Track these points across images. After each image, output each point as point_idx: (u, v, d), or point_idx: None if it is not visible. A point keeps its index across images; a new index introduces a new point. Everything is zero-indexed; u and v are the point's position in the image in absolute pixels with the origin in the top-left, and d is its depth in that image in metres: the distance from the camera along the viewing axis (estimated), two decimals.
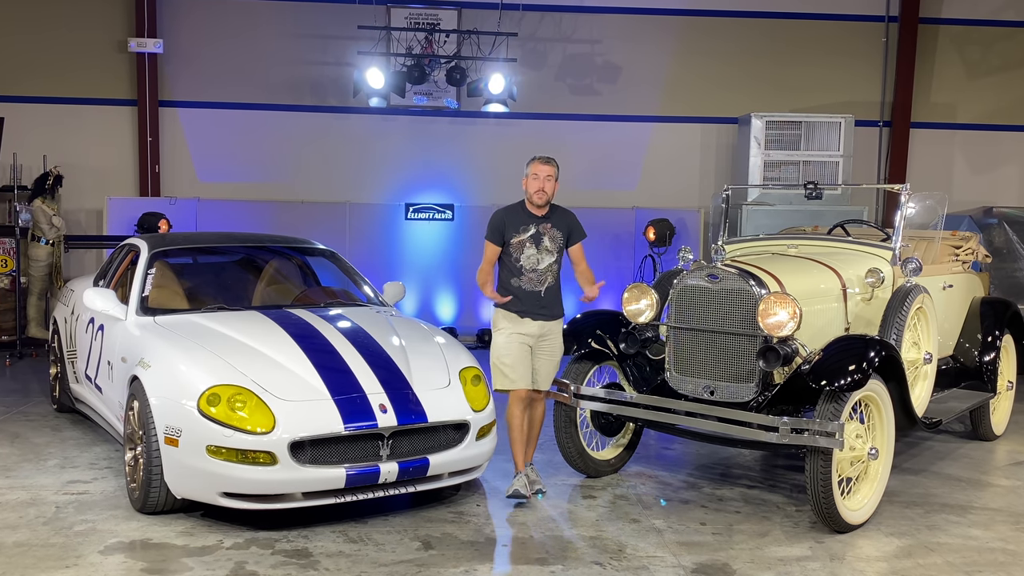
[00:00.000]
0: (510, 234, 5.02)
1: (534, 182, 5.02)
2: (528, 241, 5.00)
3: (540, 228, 5.03)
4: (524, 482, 5.05)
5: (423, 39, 10.39)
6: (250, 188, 10.92)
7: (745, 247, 6.31)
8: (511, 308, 5.02)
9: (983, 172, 11.64)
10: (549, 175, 5.03)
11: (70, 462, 5.62)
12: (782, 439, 4.58)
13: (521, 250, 5.00)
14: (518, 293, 5.02)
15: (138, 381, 4.77)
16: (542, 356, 5.09)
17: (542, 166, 5.04)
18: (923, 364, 5.63)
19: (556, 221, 5.08)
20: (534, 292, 5.02)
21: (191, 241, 6.68)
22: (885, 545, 4.55)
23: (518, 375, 5.01)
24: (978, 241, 6.89)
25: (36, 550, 4.21)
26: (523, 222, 5.03)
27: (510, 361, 5.00)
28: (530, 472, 5.15)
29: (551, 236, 5.04)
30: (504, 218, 5.07)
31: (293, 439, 4.36)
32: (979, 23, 11.50)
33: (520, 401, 5.05)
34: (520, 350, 5.00)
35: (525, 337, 5.02)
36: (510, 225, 5.04)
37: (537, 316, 5.03)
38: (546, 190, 5.02)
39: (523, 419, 5.08)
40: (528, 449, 5.18)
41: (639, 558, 4.29)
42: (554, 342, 5.14)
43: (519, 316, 5.02)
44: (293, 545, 4.33)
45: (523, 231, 5.01)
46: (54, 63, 10.65)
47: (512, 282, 5.04)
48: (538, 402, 5.19)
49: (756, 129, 10.17)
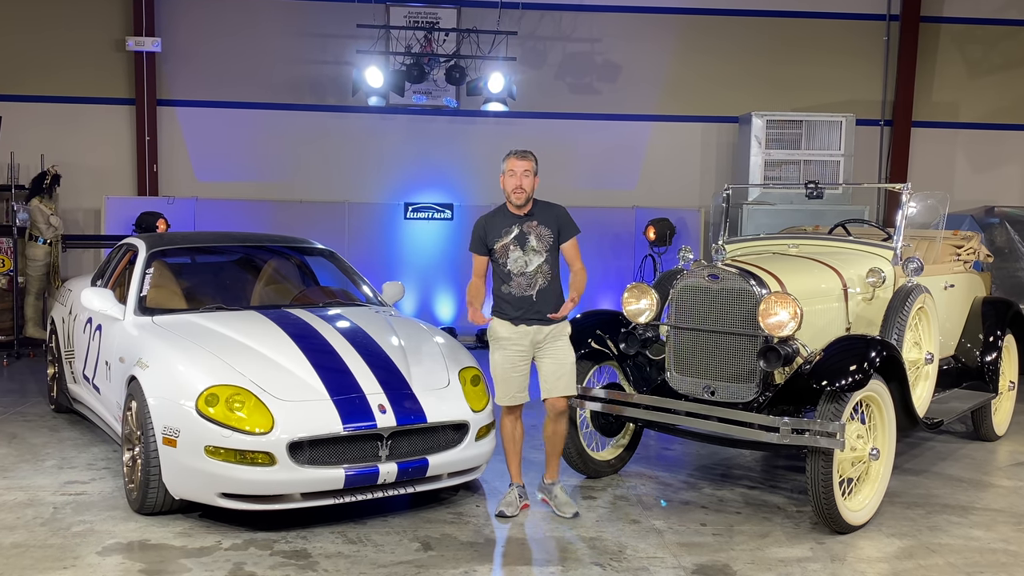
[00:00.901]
0: (493, 239, 4.75)
1: (511, 179, 4.71)
2: (512, 244, 4.71)
3: (524, 228, 4.73)
4: (513, 498, 4.86)
5: (422, 38, 10.38)
6: (248, 187, 10.90)
7: (746, 247, 6.29)
8: (506, 315, 4.79)
9: (985, 171, 11.62)
10: (527, 170, 4.69)
11: (68, 463, 5.61)
12: (783, 439, 4.56)
13: (506, 254, 4.72)
14: (509, 299, 4.77)
15: (136, 381, 4.76)
16: (546, 360, 4.81)
17: (518, 161, 4.70)
18: (924, 364, 5.61)
19: (542, 217, 4.76)
20: (525, 297, 4.73)
21: (189, 241, 6.66)
22: (886, 546, 4.54)
23: (509, 391, 4.80)
24: (980, 241, 6.87)
25: (34, 551, 4.20)
26: (505, 225, 4.74)
27: (501, 374, 4.80)
28: (559, 492, 4.92)
29: (537, 235, 4.72)
30: (485, 225, 4.80)
31: (292, 439, 4.35)
32: (981, 22, 11.48)
33: (510, 412, 4.88)
34: (512, 366, 4.77)
35: (521, 348, 4.77)
36: (491, 231, 4.76)
37: (532, 321, 4.76)
38: (524, 186, 4.69)
39: (513, 430, 4.89)
40: (551, 464, 4.96)
41: (639, 559, 4.28)
42: (557, 345, 4.81)
43: (513, 323, 4.77)
44: (292, 546, 4.31)
45: (505, 234, 4.71)
46: (52, 62, 10.63)
47: (503, 289, 4.78)
48: (562, 416, 4.87)
49: (757, 128, 10.14)
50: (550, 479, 4.97)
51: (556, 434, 4.92)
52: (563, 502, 4.88)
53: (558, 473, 4.99)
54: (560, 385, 4.81)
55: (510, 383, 4.81)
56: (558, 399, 4.82)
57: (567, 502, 4.89)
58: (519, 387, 4.83)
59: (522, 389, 4.84)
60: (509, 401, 4.84)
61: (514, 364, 4.79)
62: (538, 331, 4.77)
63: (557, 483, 4.96)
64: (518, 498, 4.88)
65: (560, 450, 4.99)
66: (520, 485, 4.93)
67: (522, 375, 4.82)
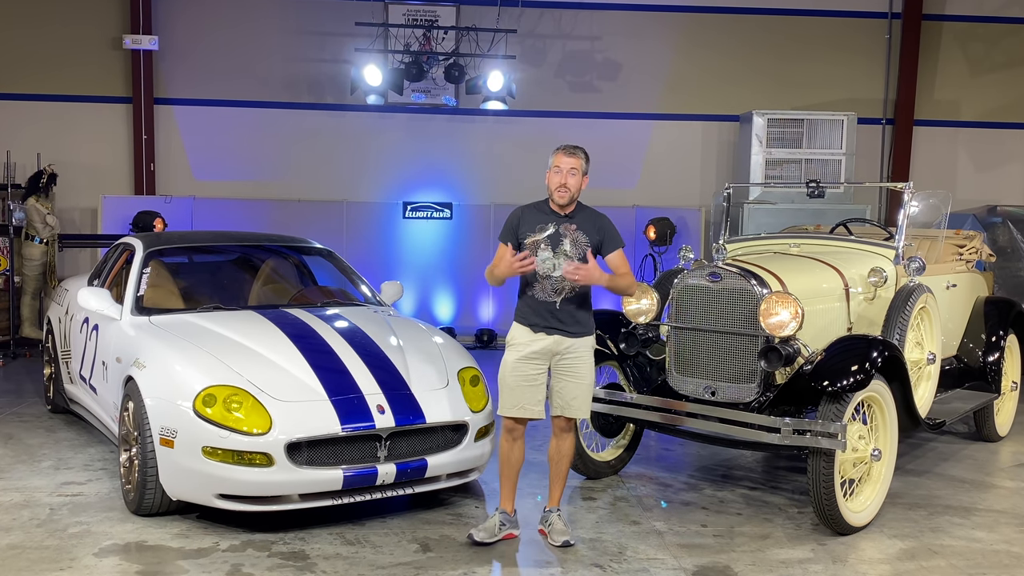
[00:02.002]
0: (525, 232, 4.33)
1: (556, 176, 4.33)
2: (544, 242, 4.26)
3: (562, 228, 4.32)
4: (492, 524, 4.40)
5: (421, 36, 10.34)
6: (246, 186, 10.86)
7: (746, 246, 6.28)
8: (525, 320, 4.39)
9: (987, 170, 11.58)
10: (573, 168, 4.32)
11: (64, 463, 5.58)
12: (784, 440, 4.55)
13: (535, 252, 4.27)
14: (531, 303, 4.37)
15: (133, 382, 4.74)
16: (563, 377, 4.37)
17: (566, 158, 4.33)
18: (926, 364, 5.59)
19: (583, 223, 4.37)
20: (547, 303, 4.32)
21: (187, 240, 6.65)
22: (888, 547, 4.52)
23: (516, 402, 4.34)
24: (982, 240, 6.86)
25: (30, 552, 4.17)
26: (542, 220, 4.34)
27: (512, 383, 4.36)
28: (555, 520, 4.48)
29: (573, 239, 4.30)
30: (521, 215, 4.41)
31: (290, 440, 4.33)
32: (983, 20, 11.43)
33: (511, 430, 4.41)
34: (523, 375, 4.33)
35: (537, 358, 4.35)
36: (526, 222, 4.36)
37: (552, 331, 4.33)
38: (569, 185, 4.31)
39: (511, 450, 4.42)
40: (554, 489, 4.52)
41: (639, 560, 4.26)
42: (578, 362, 4.37)
43: (531, 330, 4.36)
44: (290, 547, 4.29)
45: (540, 230, 4.28)
46: (48, 60, 10.59)
47: (526, 292, 4.39)
48: (566, 433, 4.48)
49: (758, 127, 10.12)
50: (550, 506, 4.56)
51: (562, 455, 4.50)
52: (558, 530, 4.45)
53: (560, 499, 4.57)
54: (575, 406, 4.42)
55: (517, 393, 4.36)
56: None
57: (561, 530, 4.45)
58: (529, 398, 4.35)
59: (534, 402, 4.36)
60: (514, 412, 4.36)
61: (525, 373, 4.35)
62: (558, 343, 4.36)
63: (556, 510, 4.53)
64: (498, 525, 4.41)
65: (565, 473, 4.55)
66: (506, 512, 4.47)
67: (533, 385, 4.36)
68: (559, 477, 4.53)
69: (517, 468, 4.48)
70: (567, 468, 4.56)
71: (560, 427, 4.49)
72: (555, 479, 4.54)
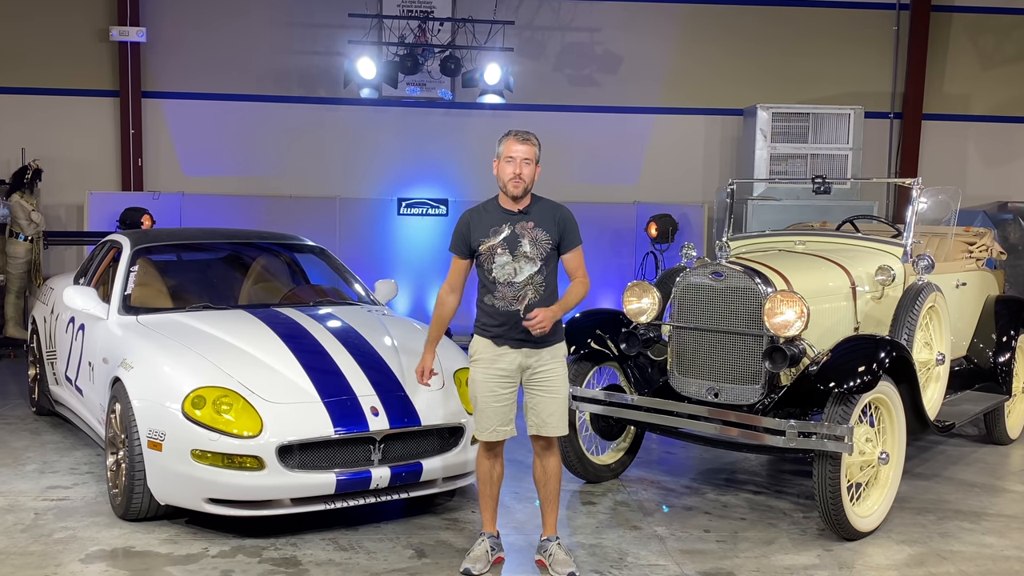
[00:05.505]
0: (478, 239, 3.99)
1: (508, 166, 3.94)
2: (500, 246, 3.94)
3: (517, 228, 3.96)
4: (482, 552, 4.10)
5: (416, 27, 10.27)
6: (237, 182, 10.77)
7: (750, 243, 6.25)
8: (487, 332, 4.03)
9: (997, 165, 11.51)
10: (527, 157, 3.93)
11: (50, 467, 5.55)
12: (789, 443, 4.52)
13: (492, 259, 3.95)
14: (492, 314, 4.01)
15: (120, 383, 4.71)
16: (537, 393, 4.03)
17: (518, 145, 3.94)
18: (935, 365, 5.55)
19: (540, 218, 3.99)
20: (511, 312, 3.95)
21: (175, 237, 6.64)
22: (896, 553, 4.49)
23: (487, 424, 4.04)
24: (992, 237, 6.82)
25: (14, 558, 4.15)
26: (494, 222, 3.98)
27: (482, 404, 4.04)
28: (556, 549, 4.11)
29: (532, 238, 3.95)
30: (470, 220, 4.05)
31: (281, 443, 4.31)
32: (994, 11, 11.35)
33: (489, 449, 4.10)
34: (492, 393, 4.01)
35: (505, 373, 4.00)
36: (477, 228, 4.01)
37: (519, 343, 3.97)
38: (523, 176, 3.92)
39: (491, 469, 4.12)
40: (546, 515, 4.16)
41: (640, 567, 4.24)
42: (551, 375, 4.02)
43: (494, 342, 4.00)
44: (281, 553, 4.27)
45: (494, 233, 3.95)
46: (33, 53, 10.47)
47: (485, 300, 4.03)
48: (548, 452, 4.11)
49: (762, 121, 10.02)
50: (546, 534, 4.18)
51: (548, 475, 4.11)
52: (559, 560, 4.09)
53: (556, 526, 4.18)
54: (551, 423, 4.04)
55: (489, 414, 4.03)
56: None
57: (564, 560, 4.08)
58: (501, 419, 4.04)
59: (506, 422, 4.05)
60: (489, 436, 4.05)
61: (494, 392, 4.02)
62: (527, 355, 4.00)
63: (555, 538, 4.16)
64: (488, 551, 4.12)
65: (556, 494, 4.15)
66: (493, 535, 4.19)
67: (505, 405, 4.04)
68: (550, 500, 4.15)
69: (499, 486, 4.20)
70: (557, 488, 4.16)
71: (541, 446, 4.13)
72: (546, 503, 4.16)
